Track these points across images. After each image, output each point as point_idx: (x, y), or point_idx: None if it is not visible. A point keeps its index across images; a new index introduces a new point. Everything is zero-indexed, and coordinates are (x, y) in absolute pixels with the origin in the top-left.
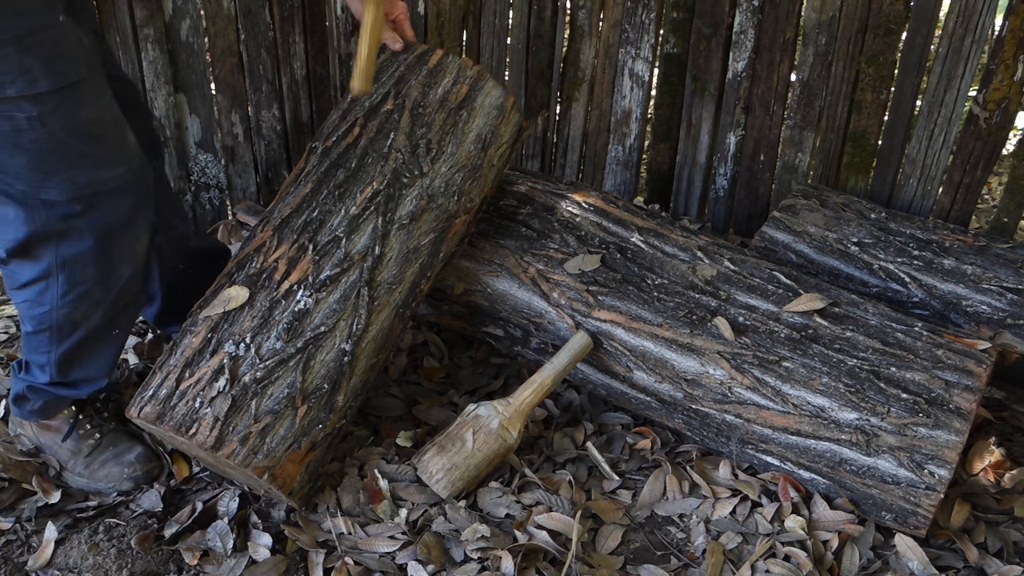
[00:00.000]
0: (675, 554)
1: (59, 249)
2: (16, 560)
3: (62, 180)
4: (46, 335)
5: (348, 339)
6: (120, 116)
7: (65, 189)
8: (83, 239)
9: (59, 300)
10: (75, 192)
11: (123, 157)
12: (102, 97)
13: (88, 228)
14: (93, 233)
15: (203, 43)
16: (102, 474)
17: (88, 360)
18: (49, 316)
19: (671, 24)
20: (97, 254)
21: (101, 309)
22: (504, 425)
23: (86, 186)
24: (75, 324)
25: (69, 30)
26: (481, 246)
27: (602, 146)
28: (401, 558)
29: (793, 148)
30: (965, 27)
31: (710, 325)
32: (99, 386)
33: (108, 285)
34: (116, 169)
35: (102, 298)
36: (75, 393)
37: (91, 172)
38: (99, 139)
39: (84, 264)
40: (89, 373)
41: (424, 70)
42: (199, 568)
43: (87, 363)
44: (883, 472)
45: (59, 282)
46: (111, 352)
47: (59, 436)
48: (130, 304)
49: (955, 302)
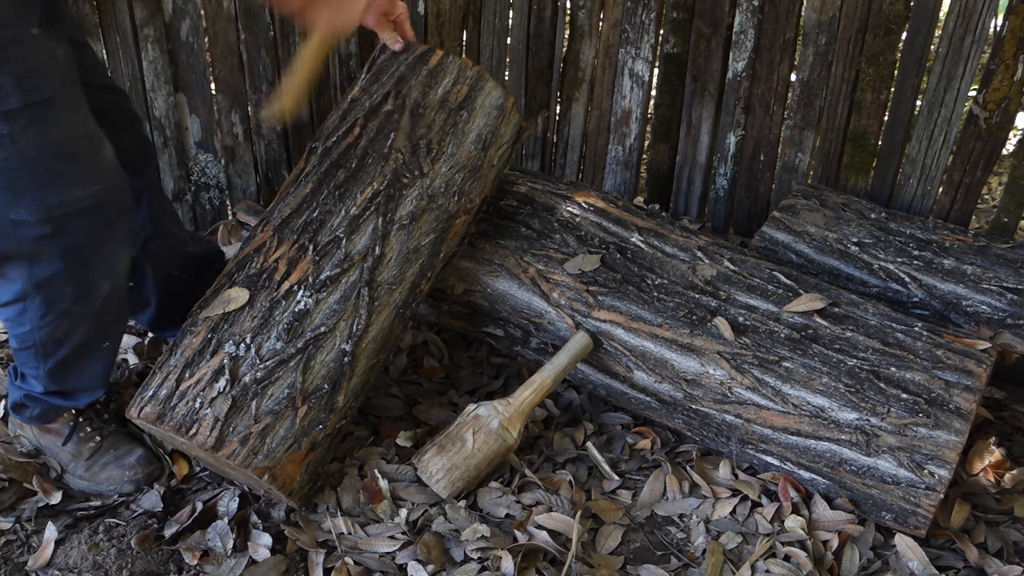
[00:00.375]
0: (675, 554)
1: (31, 271)
2: (16, 560)
3: (33, 200)
4: (31, 352)
5: (348, 339)
6: (96, 131)
7: (36, 209)
8: (54, 261)
9: (39, 320)
10: (46, 213)
11: (98, 174)
12: (76, 112)
13: (58, 250)
14: (64, 255)
15: (203, 43)
16: (103, 476)
17: (80, 372)
18: (32, 335)
19: (671, 24)
20: (70, 274)
21: (83, 325)
22: (504, 425)
23: (58, 207)
24: (59, 341)
25: (43, 43)
26: (481, 246)
27: (602, 146)
28: (401, 558)
29: (793, 148)
30: (965, 27)
31: (710, 325)
32: (96, 396)
33: (88, 302)
34: (91, 188)
35: (83, 315)
36: (72, 403)
37: (63, 192)
38: (72, 157)
39: (59, 285)
40: (83, 384)
41: (424, 70)
42: (199, 568)
43: (79, 375)
44: (883, 472)
45: (36, 303)
46: (103, 364)
47: (60, 439)
48: (117, 317)
49: (955, 302)
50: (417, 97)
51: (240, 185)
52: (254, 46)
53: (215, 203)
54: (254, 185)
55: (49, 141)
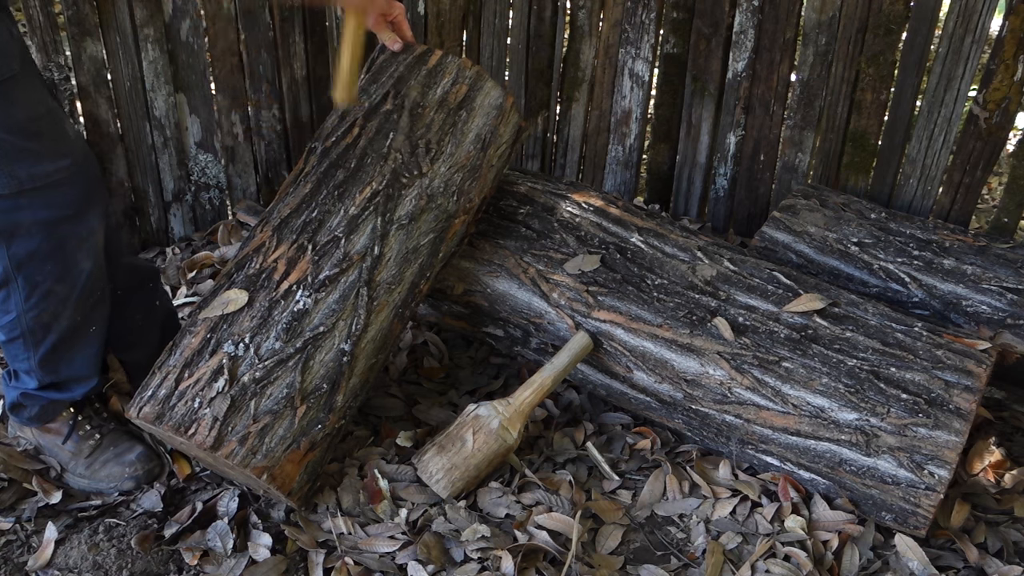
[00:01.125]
0: (675, 554)
1: (10, 250)
2: (16, 560)
3: (2, 175)
4: (20, 342)
5: (347, 339)
6: (56, 108)
7: (6, 184)
8: (32, 236)
9: (24, 304)
10: (17, 187)
11: (65, 149)
12: (37, 91)
13: (36, 224)
14: (42, 228)
15: (203, 43)
16: (103, 474)
17: (71, 360)
18: (18, 322)
19: (671, 24)
20: (51, 249)
21: (69, 307)
22: (504, 425)
23: (28, 180)
24: (46, 326)
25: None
26: (481, 246)
27: (602, 146)
28: (401, 558)
29: (793, 148)
30: (965, 27)
31: (710, 325)
32: (91, 385)
33: (70, 281)
34: (60, 162)
35: (67, 295)
36: (68, 395)
37: (32, 166)
38: (38, 135)
39: (40, 261)
40: (76, 372)
41: (423, 70)
42: (199, 568)
43: (71, 363)
44: (883, 472)
45: (19, 286)
46: (94, 350)
47: (59, 438)
48: (100, 300)
49: (955, 302)
50: (416, 97)
51: (240, 185)
52: (254, 46)
53: (215, 203)
54: (254, 185)
55: (13, 121)
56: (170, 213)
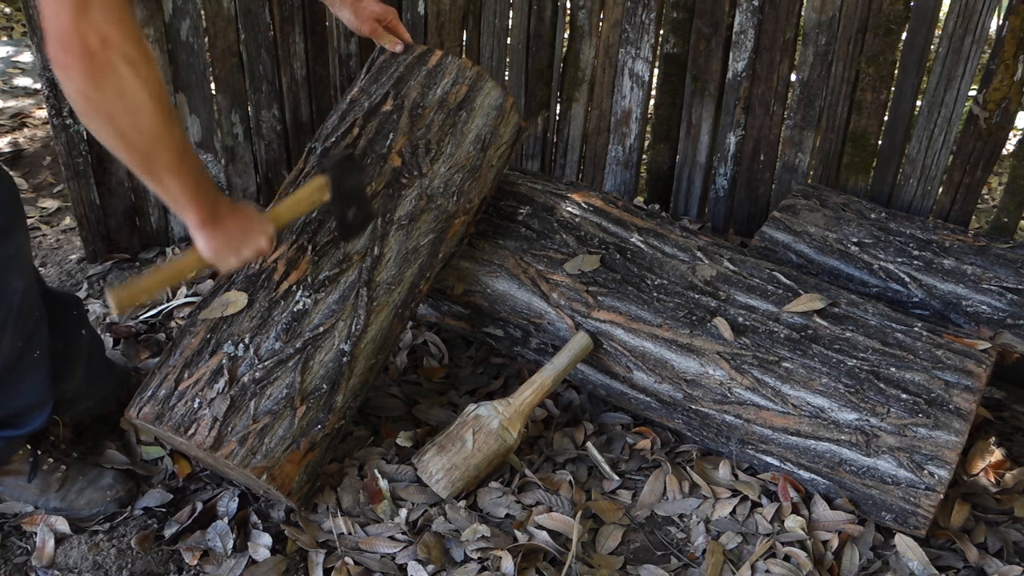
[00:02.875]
0: (675, 554)
1: None
2: (16, 560)
3: None
4: None
5: (347, 339)
6: None
7: None
8: None
9: None
10: None
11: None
12: None
13: None
14: None
15: (203, 43)
16: (82, 502)
17: (20, 388)
18: None
19: (671, 24)
20: None
21: (7, 332)
22: (504, 425)
23: None
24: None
25: None
26: (481, 246)
27: (602, 146)
28: (401, 558)
29: (793, 148)
30: (965, 27)
31: (710, 325)
32: (45, 414)
33: (4, 303)
34: None
35: (3, 319)
36: (24, 430)
37: None
38: None
39: None
40: (28, 400)
41: (423, 71)
42: (199, 568)
43: (20, 392)
44: (883, 472)
45: None
46: (40, 376)
47: (22, 478)
48: (39, 321)
49: (955, 302)
50: (416, 97)
51: (240, 185)
52: (254, 46)
53: None
54: (254, 185)
55: None
56: (170, 213)
